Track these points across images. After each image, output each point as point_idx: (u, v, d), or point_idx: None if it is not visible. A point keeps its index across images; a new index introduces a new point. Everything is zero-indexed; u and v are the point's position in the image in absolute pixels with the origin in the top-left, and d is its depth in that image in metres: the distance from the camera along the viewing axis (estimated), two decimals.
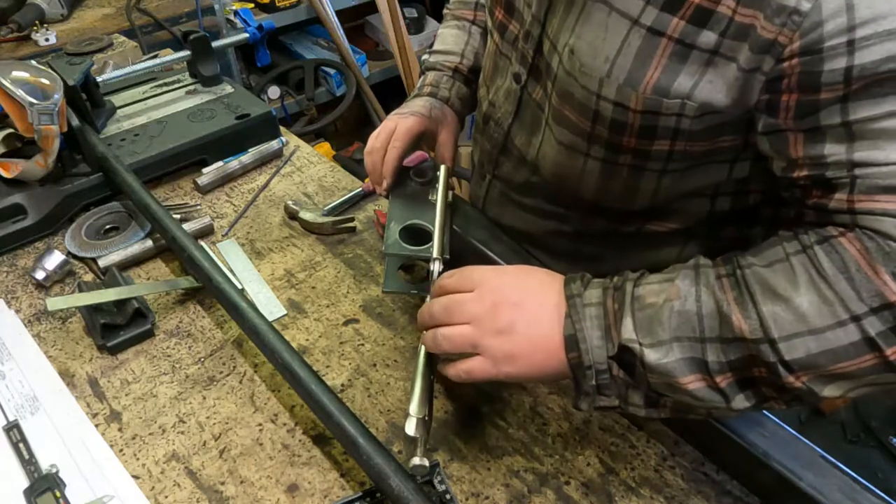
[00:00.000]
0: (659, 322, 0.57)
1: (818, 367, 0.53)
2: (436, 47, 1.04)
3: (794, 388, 0.54)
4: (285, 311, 0.95)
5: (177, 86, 1.38)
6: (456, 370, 0.64)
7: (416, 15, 2.88)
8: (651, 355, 0.57)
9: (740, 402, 0.57)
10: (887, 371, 0.52)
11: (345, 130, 3.07)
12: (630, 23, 0.62)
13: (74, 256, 1.04)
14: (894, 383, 0.53)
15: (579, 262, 0.80)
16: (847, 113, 0.53)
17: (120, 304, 0.91)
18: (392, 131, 0.88)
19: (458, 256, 0.89)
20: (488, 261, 0.87)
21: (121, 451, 0.77)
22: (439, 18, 3.20)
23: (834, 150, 0.55)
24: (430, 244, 0.84)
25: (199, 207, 1.15)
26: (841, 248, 0.53)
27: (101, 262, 1.01)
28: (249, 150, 1.25)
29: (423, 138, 0.91)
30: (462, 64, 1.00)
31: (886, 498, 0.63)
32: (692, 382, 0.57)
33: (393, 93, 2.84)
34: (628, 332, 0.58)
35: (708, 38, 0.57)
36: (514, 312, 0.62)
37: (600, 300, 0.61)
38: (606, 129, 0.69)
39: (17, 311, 0.96)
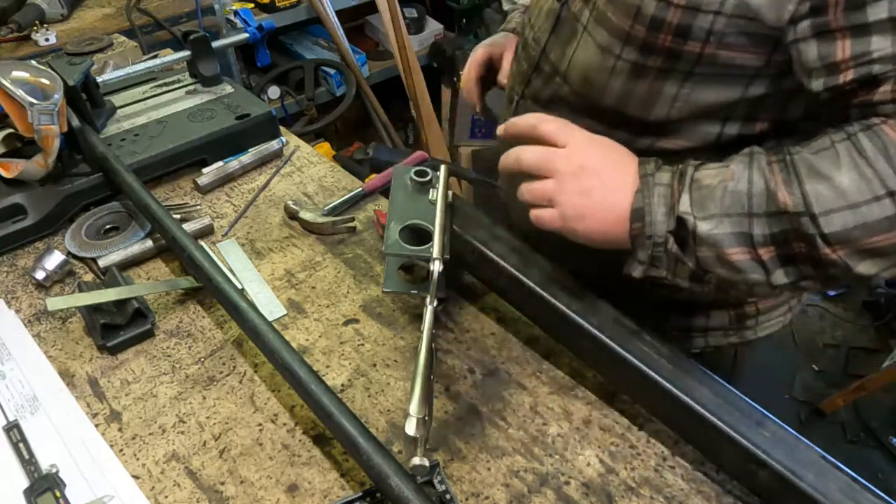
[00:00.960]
0: (712, 199, 0.65)
1: (854, 241, 0.59)
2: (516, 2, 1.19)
3: (831, 261, 0.60)
4: (285, 311, 0.95)
5: (177, 86, 1.37)
6: (531, 214, 0.74)
7: (416, 15, 2.88)
8: (702, 227, 0.64)
9: (780, 277, 0.64)
10: None
11: (345, 130, 3.07)
12: None
13: (74, 256, 1.04)
14: None
15: None
16: (893, 7, 0.57)
17: (120, 304, 0.91)
18: (469, 63, 1.11)
19: (458, 256, 0.89)
20: (488, 260, 0.87)
21: (121, 451, 0.77)
22: (439, 18, 3.19)
23: (881, 45, 0.59)
24: (430, 244, 0.84)
25: (199, 207, 1.15)
26: (882, 132, 0.59)
27: (101, 262, 1.01)
28: (249, 150, 1.25)
29: (491, 62, 1.10)
30: None
31: (886, 498, 0.63)
32: (737, 254, 0.64)
33: (393, 93, 2.84)
34: (685, 206, 0.66)
35: None
36: (595, 179, 0.70)
37: (668, 182, 0.68)
38: (645, 27, 0.72)
39: (17, 311, 0.96)
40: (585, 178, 0.70)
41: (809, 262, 0.62)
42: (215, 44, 1.38)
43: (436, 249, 0.83)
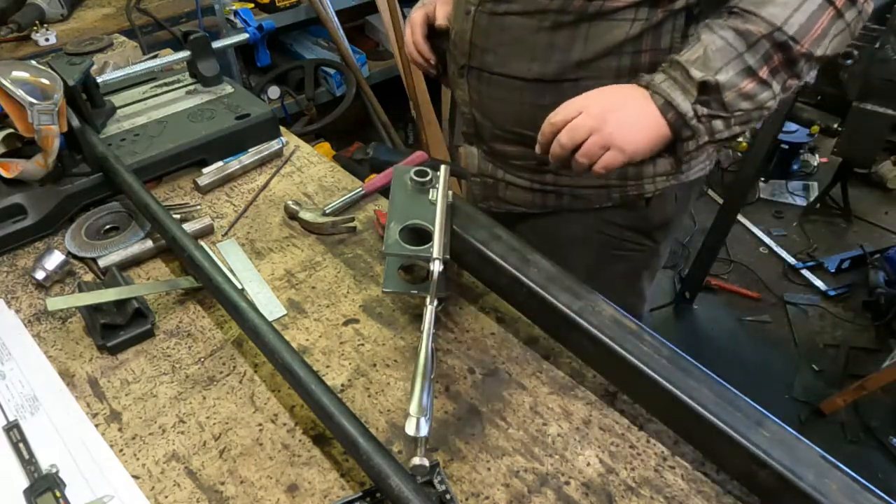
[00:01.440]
0: (710, 60, 0.85)
1: (809, 31, 0.83)
2: None
3: (801, 54, 0.84)
4: (285, 311, 0.95)
5: (177, 86, 1.38)
6: (597, 169, 0.90)
7: None
8: (720, 77, 0.84)
9: (777, 87, 0.86)
10: (839, 19, 0.84)
11: (345, 130, 3.07)
12: None
13: (74, 256, 1.04)
14: (846, 29, 0.85)
15: (553, 52, 1.01)
16: None
17: (120, 304, 0.91)
18: (411, 25, 1.23)
19: (458, 256, 0.89)
20: (488, 260, 0.87)
21: (121, 451, 0.77)
22: None
23: None
24: (430, 244, 0.84)
25: (199, 207, 1.15)
26: None
27: (101, 262, 1.01)
28: (249, 150, 1.25)
29: (427, 19, 1.22)
30: None
31: (886, 498, 0.63)
32: (748, 84, 0.85)
33: (393, 93, 2.84)
34: (698, 73, 0.85)
35: None
36: (620, 112, 0.88)
37: (664, 77, 0.88)
38: None
39: (17, 311, 0.96)
40: (614, 115, 0.88)
41: (786, 65, 0.85)
42: (215, 44, 1.38)
43: (436, 249, 0.83)
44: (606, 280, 1.09)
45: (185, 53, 1.34)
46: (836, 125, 3.17)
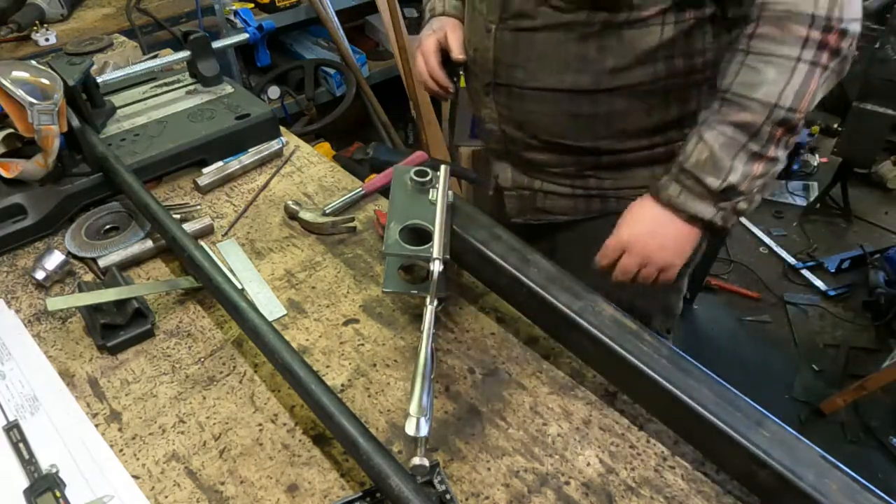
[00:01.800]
0: (718, 160, 0.89)
1: (803, 97, 0.85)
2: None
3: (800, 119, 0.86)
4: (285, 311, 0.95)
5: (177, 86, 1.38)
6: (657, 286, 1.01)
7: (416, 15, 2.88)
8: (733, 177, 0.89)
9: (783, 154, 0.90)
10: (826, 71, 0.85)
11: (345, 130, 3.07)
12: None
13: (74, 256, 1.04)
14: (833, 75, 0.87)
15: (585, 63, 1.01)
16: None
17: (120, 304, 0.91)
18: (424, 54, 1.20)
19: (458, 256, 0.89)
20: (488, 260, 0.87)
21: (121, 451, 0.77)
22: None
23: None
24: (430, 244, 0.84)
25: (199, 207, 1.15)
26: (760, 32, 0.86)
27: (101, 262, 1.01)
28: (249, 150, 1.25)
29: (441, 45, 1.21)
30: None
31: (886, 498, 0.63)
32: (758, 167, 0.90)
33: (393, 93, 2.84)
34: (713, 182, 0.90)
35: None
36: (656, 239, 0.97)
37: (679, 188, 0.93)
38: None
39: (17, 311, 0.96)
40: (652, 243, 0.97)
41: (788, 132, 0.88)
42: (215, 44, 1.38)
43: (436, 249, 0.83)
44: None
45: (185, 53, 1.34)
46: (836, 125, 3.17)
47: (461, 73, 1.22)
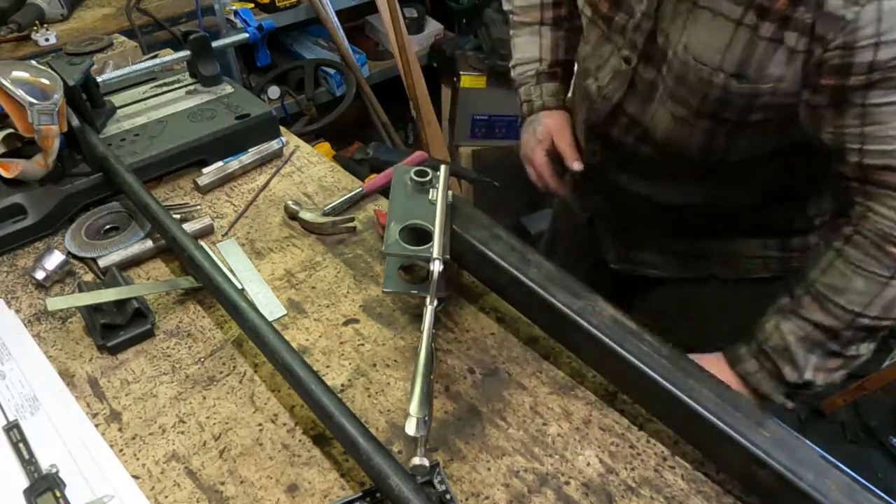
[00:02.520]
0: (793, 354, 0.84)
1: (891, 309, 0.79)
2: (515, 58, 1.23)
3: (886, 326, 0.81)
4: (285, 311, 0.95)
5: (177, 86, 1.37)
6: None
7: (416, 15, 2.88)
8: (808, 374, 0.84)
9: (865, 350, 0.84)
10: None
11: (345, 130, 3.07)
12: (735, 24, 0.79)
13: (74, 256, 1.04)
14: None
15: (680, 212, 1.01)
16: (866, 97, 0.73)
17: (120, 304, 0.91)
18: (537, 170, 1.18)
19: (458, 256, 0.89)
20: (488, 260, 0.87)
21: (121, 451, 0.77)
22: (439, 18, 3.17)
23: (851, 123, 0.75)
24: (430, 244, 0.84)
25: (199, 207, 1.15)
26: (857, 241, 0.80)
27: (101, 262, 1.01)
28: (249, 150, 1.25)
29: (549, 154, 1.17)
30: (542, 65, 1.20)
31: (886, 498, 0.63)
32: (834, 363, 0.84)
33: (393, 93, 2.84)
34: (791, 375, 0.85)
35: (791, 36, 0.75)
36: None
37: (756, 367, 0.88)
38: (712, 106, 0.86)
39: (17, 311, 0.96)
40: None
41: (871, 335, 0.83)
42: (215, 44, 1.38)
43: (436, 249, 0.83)
44: None
45: (185, 53, 1.34)
46: None
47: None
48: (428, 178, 0.93)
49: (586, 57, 1.06)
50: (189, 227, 1.06)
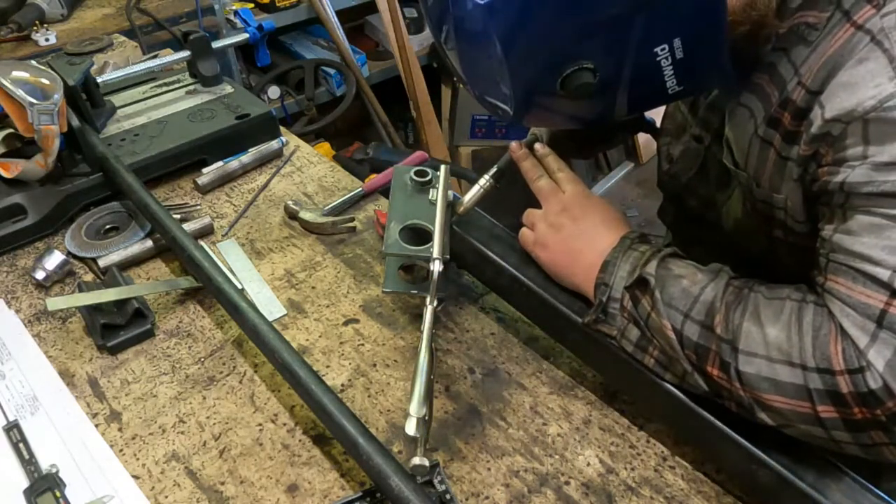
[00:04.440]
0: (668, 285, 0.69)
1: (761, 390, 0.61)
2: None
3: (738, 396, 0.63)
4: (285, 311, 0.95)
5: (177, 86, 1.37)
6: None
7: (416, 15, 2.88)
8: (657, 294, 0.68)
9: (699, 382, 0.67)
10: (816, 425, 0.59)
11: (345, 130, 3.07)
12: (753, 129, 0.72)
13: (74, 256, 1.04)
14: (821, 439, 0.60)
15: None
16: (846, 206, 0.61)
17: (120, 304, 0.91)
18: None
19: (458, 256, 0.89)
20: (488, 260, 0.87)
21: (121, 451, 0.77)
22: None
23: (828, 229, 0.63)
24: (430, 244, 0.84)
25: (199, 207, 1.15)
26: (827, 315, 0.60)
27: (101, 262, 1.01)
28: (249, 150, 1.25)
29: None
30: None
31: (887, 498, 0.63)
32: (671, 333, 0.67)
33: (393, 93, 2.84)
34: (650, 270, 0.70)
35: (794, 151, 0.67)
36: (571, 222, 0.80)
37: (640, 256, 0.73)
38: (784, 218, 0.74)
39: (17, 311, 0.96)
40: (564, 217, 0.80)
41: (723, 386, 0.65)
42: (215, 44, 1.38)
43: (436, 249, 0.83)
44: None
45: (185, 53, 1.34)
46: None
47: None
48: (428, 178, 0.93)
49: (665, 134, 0.97)
50: (189, 227, 1.06)
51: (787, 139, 0.68)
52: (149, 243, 1.04)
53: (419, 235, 0.87)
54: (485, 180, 0.87)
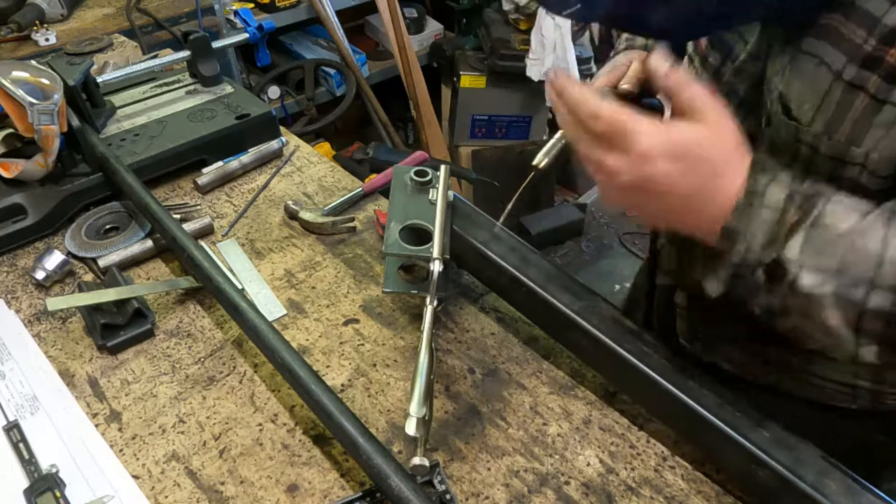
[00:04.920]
0: (831, 249, 0.55)
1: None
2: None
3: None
4: (285, 311, 0.95)
5: (177, 86, 1.37)
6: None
7: (416, 15, 2.88)
8: (806, 279, 0.55)
9: (869, 353, 0.56)
10: None
11: (345, 130, 3.07)
12: (833, 76, 0.62)
13: (74, 256, 1.04)
14: None
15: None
16: None
17: (120, 304, 0.91)
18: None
19: (458, 256, 0.89)
20: (488, 260, 0.87)
21: (121, 451, 0.77)
22: (439, 18, 3.17)
23: None
24: (430, 244, 0.84)
25: (199, 207, 1.15)
26: None
27: (101, 262, 1.01)
28: (249, 150, 1.25)
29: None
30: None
31: (886, 498, 0.63)
32: (835, 318, 0.55)
33: (393, 93, 2.84)
34: (792, 251, 0.56)
35: None
36: (693, 164, 0.59)
37: (781, 206, 0.57)
38: (801, 170, 0.65)
39: (17, 311, 0.96)
40: (672, 180, 0.60)
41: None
42: (215, 44, 1.38)
43: (436, 249, 0.83)
44: None
45: (185, 53, 1.34)
46: None
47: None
48: (428, 178, 0.93)
49: None
50: (189, 227, 1.06)
51: (890, 78, 0.57)
52: (149, 243, 1.04)
53: (419, 235, 0.87)
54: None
